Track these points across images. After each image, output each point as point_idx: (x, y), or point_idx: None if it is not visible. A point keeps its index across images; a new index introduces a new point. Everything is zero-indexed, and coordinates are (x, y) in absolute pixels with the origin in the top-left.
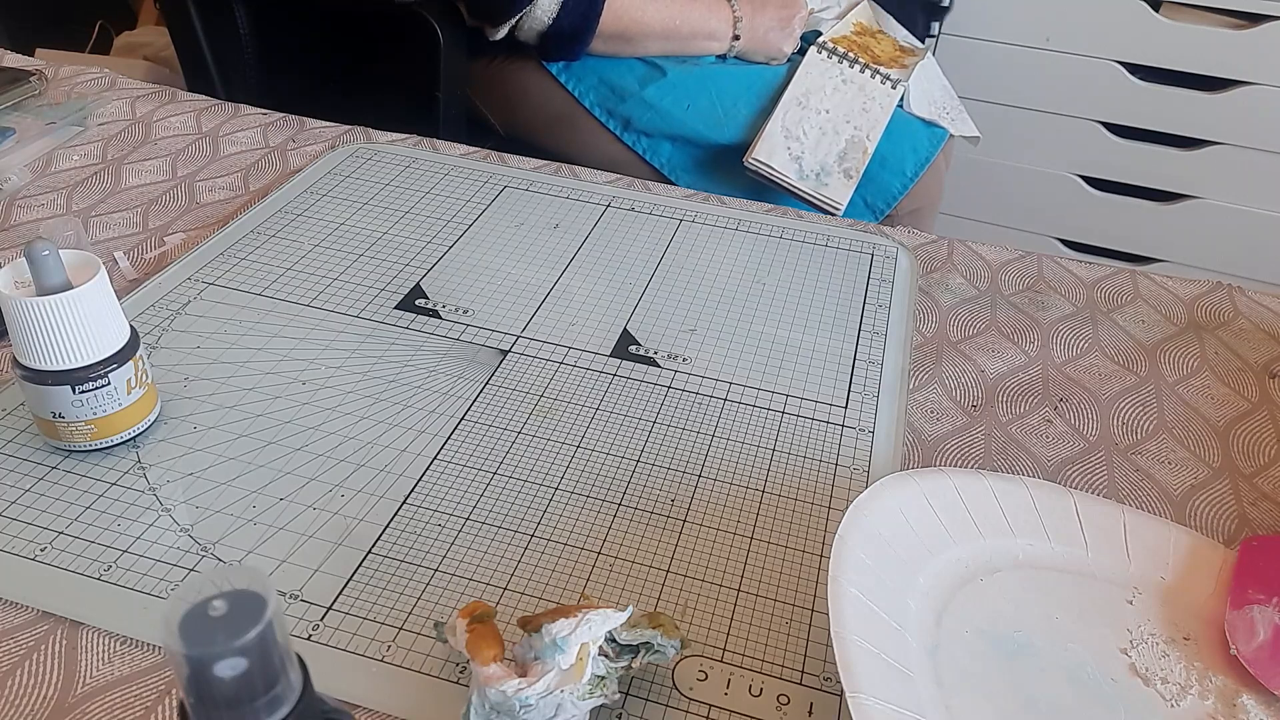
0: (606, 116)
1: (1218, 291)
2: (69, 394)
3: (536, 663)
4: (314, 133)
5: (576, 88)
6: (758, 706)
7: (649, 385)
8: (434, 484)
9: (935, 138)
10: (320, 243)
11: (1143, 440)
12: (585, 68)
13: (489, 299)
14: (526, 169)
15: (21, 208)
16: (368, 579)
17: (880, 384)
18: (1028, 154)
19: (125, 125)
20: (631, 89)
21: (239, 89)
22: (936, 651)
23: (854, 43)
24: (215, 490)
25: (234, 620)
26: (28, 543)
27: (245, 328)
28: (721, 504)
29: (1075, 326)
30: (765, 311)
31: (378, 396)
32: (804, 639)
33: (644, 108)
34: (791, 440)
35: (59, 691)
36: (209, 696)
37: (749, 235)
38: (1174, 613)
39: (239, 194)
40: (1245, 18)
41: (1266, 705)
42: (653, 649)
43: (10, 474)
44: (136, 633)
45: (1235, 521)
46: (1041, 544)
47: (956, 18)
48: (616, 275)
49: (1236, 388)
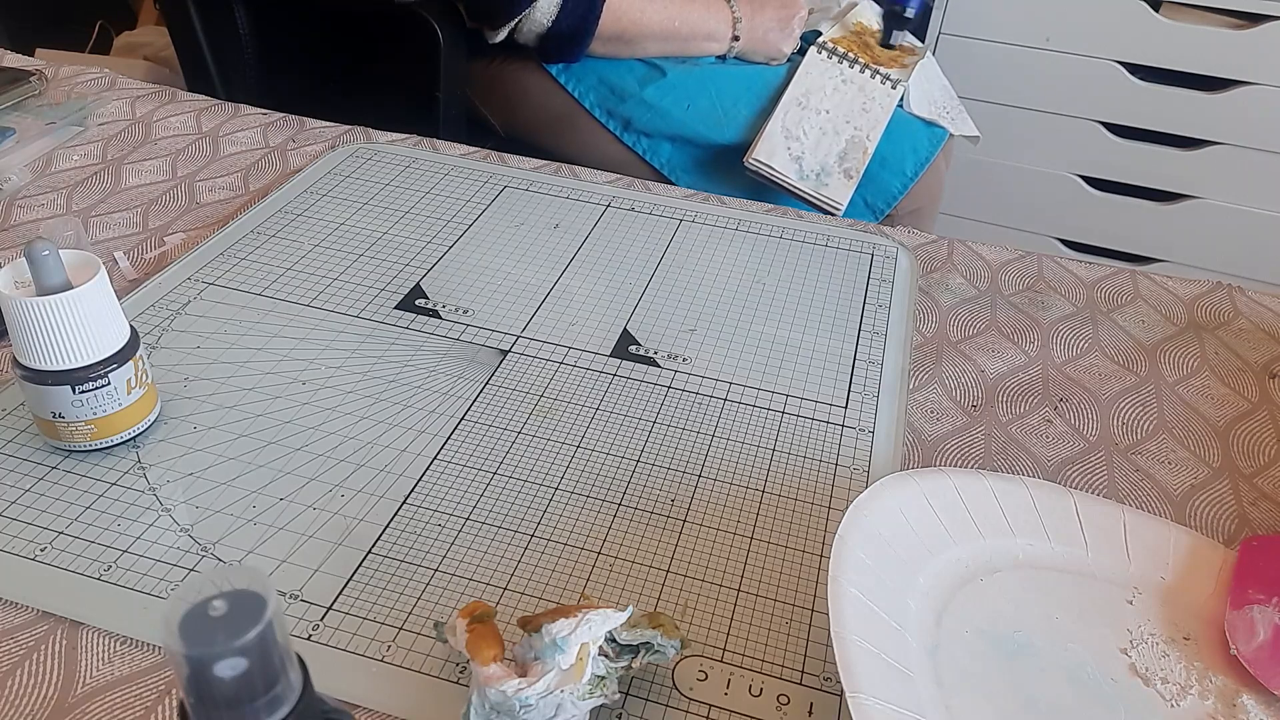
0: (606, 117)
1: (1218, 291)
2: (69, 394)
3: (536, 663)
4: (314, 133)
5: (576, 88)
6: (758, 706)
7: (649, 385)
8: (434, 484)
9: (935, 138)
10: (320, 243)
11: (1143, 440)
12: (585, 68)
13: (489, 299)
14: (526, 169)
15: (21, 208)
16: (368, 579)
17: (880, 384)
18: (1028, 154)
19: (125, 125)
20: (631, 89)
21: (239, 89)
22: (936, 651)
23: (854, 43)
24: (215, 490)
25: (234, 620)
26: (28, 543)
27: (245, 328)
28: (721, 504)
29: (1075, 326)
30: (765, 311)
31: (378, 396)
32: (804, 639)
33: (644, 108)
34: (791, 440)
35: (59, 691)
36: (209, 696)
37: (749, 235)
38: (1174, 613)
39: (239, 194)
40: (1245, 18)
41: (1266, 705)
42: (653, 649)
43: (10, 474)
44: (136, 633)
45: (1235, 521)
46: (1041, 544)
47: (956, 18)
48: (616, 275)
49: (1236, 388)
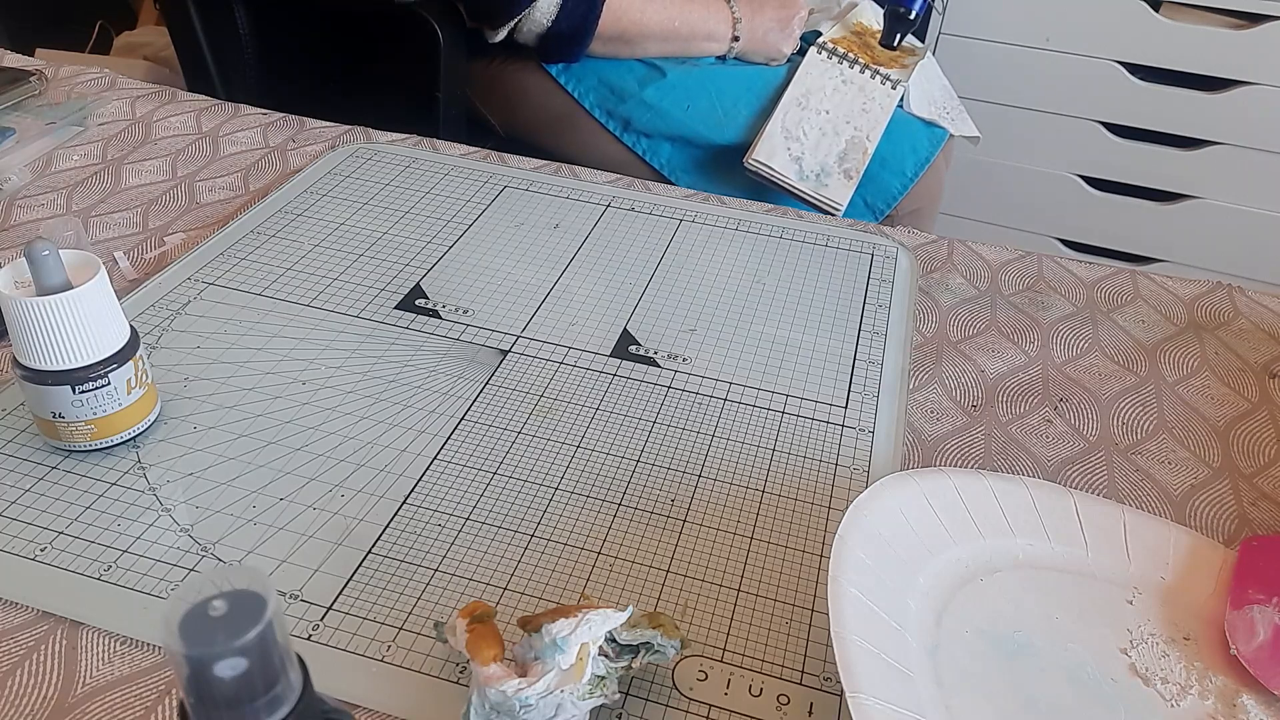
0: (606, 117)
1: (1218, 291)
2: (69, 394)
3: (536, 663)
4: (314, 133)
5: (576, 89)
6: (758, 706)
7: (649, 385)
8: (434, 484)
9: (935, 138)
10: (320, 243)
11: (1143, 440)
12: (585, 69)
13: (489, 299)
14: (526, 169)
15: (21, 208)
16: (368, 579)
17: (880, 384)
18: (1028, 154)
19: (125, 125)
20: (631, 90)
21: (239, 89)
22: (936, 651)
23: (854, 43)
24: (215, 490)
25: (234, 620)
26: (28, 543)
27: (245, 328)
28: (721, 504)
29: (1075, 326)
30: (765, 311)
31: (378, 396)
32: (804, 639)
33: (644, 108)
34: (791, 440)
35: (59, 691)
36: (209, 696)
37: (749, 235)
38: (1174, 613)
39: (239, 194)
40: (1245, 18)
41: (1266, 705)
42: (653, 649)
43: (10, 474)
44: (136, 633)
45: (1235, 521)
46: (1041, 544)
47: (956, 18)
48: (616, 275)
49: (1236, 388)
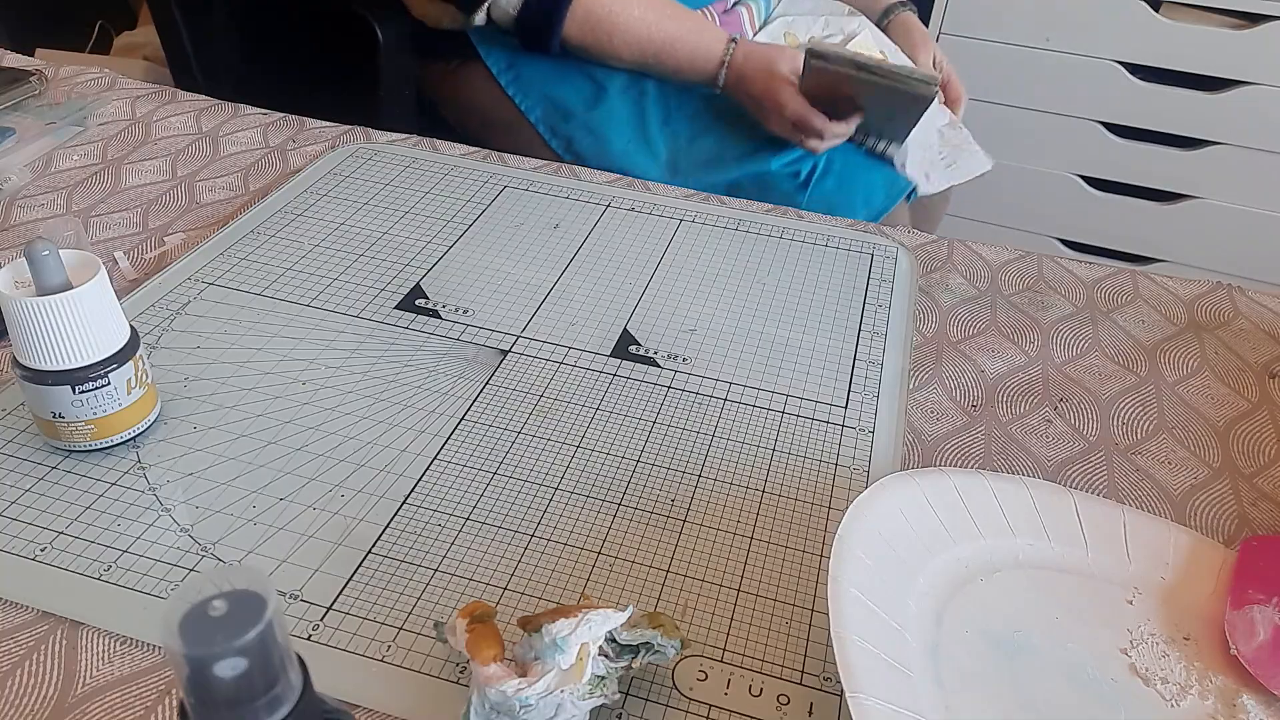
0: (550, 134)
1: (1218, 291)
2: (69, 394)
3: (536, 663)
4: (314, 133)
5: (523, 101)
6: (758, 706)
7: (649, 385)
8: (434, 484)
9: (894, 191)
10: (320, 243)
11: (1143, 440)
12: (531, 80)
13: (489, 299)
14: (526, 169)
15: (21, 208)
16: (368, 579)
17: (880, 384)
18: (1028, 154)
19: (125, 125)
20: (577, 109)
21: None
22: (936, 651)
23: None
24: (215, 490)
25: (234, 620)
26: (28, 543)
27: (245, 328)
28: (721, 504)
29: (1075, 326)
30: (765, 311)
31: (378, 396)
32: (804, 639)
33: (585, 132)
34: (791, 440)
35: (59, 691)
36: (209, 696)
37: (749, 235)
38: (1174, 613)
39: (239, 194)
40: (1245, 18)
41: (1266, 705)
42: (653, 649)
43: (10, 474)
44: (136, 633)
45: (1235, 521)
46: (1041, 544)
47: (956, 18)
48: (616, 275)
49: (1236, 388)
